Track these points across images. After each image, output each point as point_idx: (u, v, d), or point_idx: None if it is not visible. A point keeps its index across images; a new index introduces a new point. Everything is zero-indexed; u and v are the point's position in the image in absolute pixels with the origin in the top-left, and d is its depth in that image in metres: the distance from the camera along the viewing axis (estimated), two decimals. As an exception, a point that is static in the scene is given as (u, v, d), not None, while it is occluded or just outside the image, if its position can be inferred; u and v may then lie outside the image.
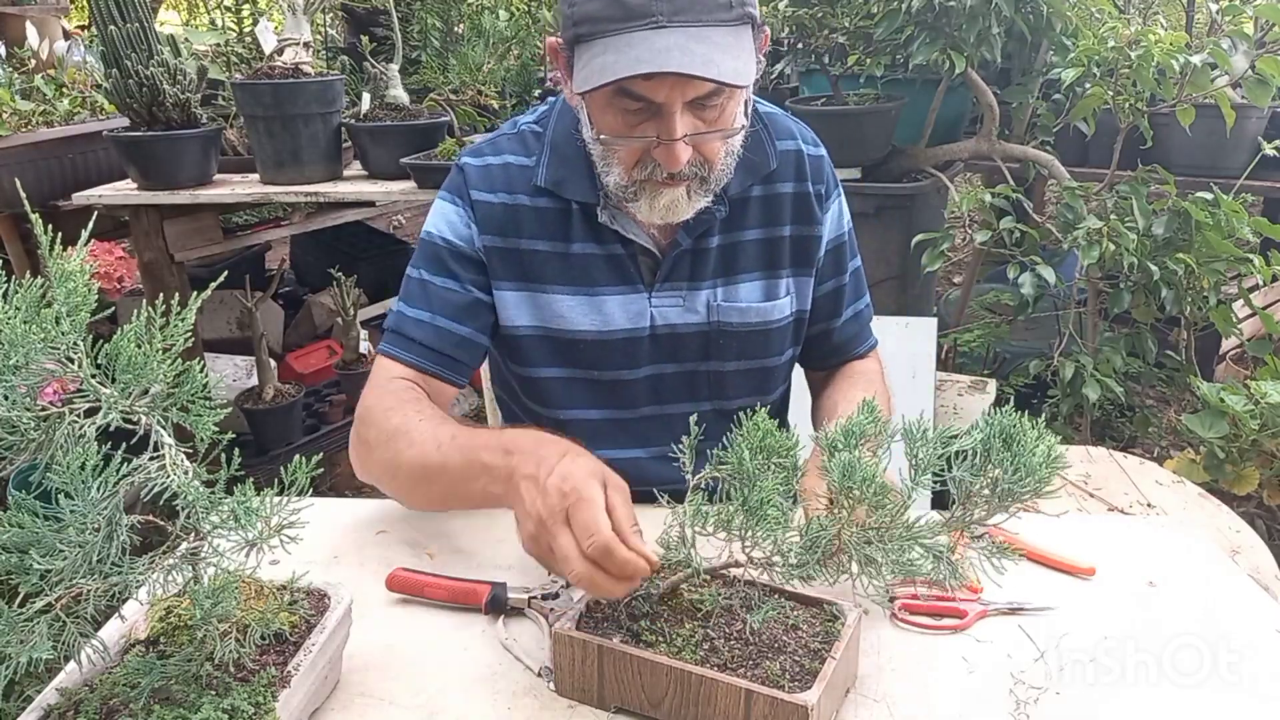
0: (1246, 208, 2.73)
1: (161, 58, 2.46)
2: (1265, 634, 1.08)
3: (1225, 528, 1.97)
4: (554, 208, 1.31)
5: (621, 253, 1.32)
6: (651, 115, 1.13)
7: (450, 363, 1.32)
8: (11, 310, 0.73)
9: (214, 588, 0.80)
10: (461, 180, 1.34)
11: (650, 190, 1.20)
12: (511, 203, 1.32)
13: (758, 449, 0.93)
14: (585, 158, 1.28)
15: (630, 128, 1.15)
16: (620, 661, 0.91)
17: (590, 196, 1.29)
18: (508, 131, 1.38)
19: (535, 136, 1.35)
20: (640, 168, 1.18)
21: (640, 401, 1.39)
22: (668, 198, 1.20)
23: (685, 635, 0.93)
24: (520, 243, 1.32)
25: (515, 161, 1.33)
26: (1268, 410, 2.32)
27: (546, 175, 1.31)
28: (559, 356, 1.35)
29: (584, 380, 1.36)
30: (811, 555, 0.90)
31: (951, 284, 4.63)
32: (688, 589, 0.98)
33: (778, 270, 1.38)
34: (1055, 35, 3.03)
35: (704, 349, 1.37)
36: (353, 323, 3.27)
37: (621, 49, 1.07)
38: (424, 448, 1.17)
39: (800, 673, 0.89)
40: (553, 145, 1.32)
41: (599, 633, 0.93)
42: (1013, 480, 0.86)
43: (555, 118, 1.34)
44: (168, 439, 0.78)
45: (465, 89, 2.82)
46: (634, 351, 1.35)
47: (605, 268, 1.32)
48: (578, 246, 1.32)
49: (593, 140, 1.21)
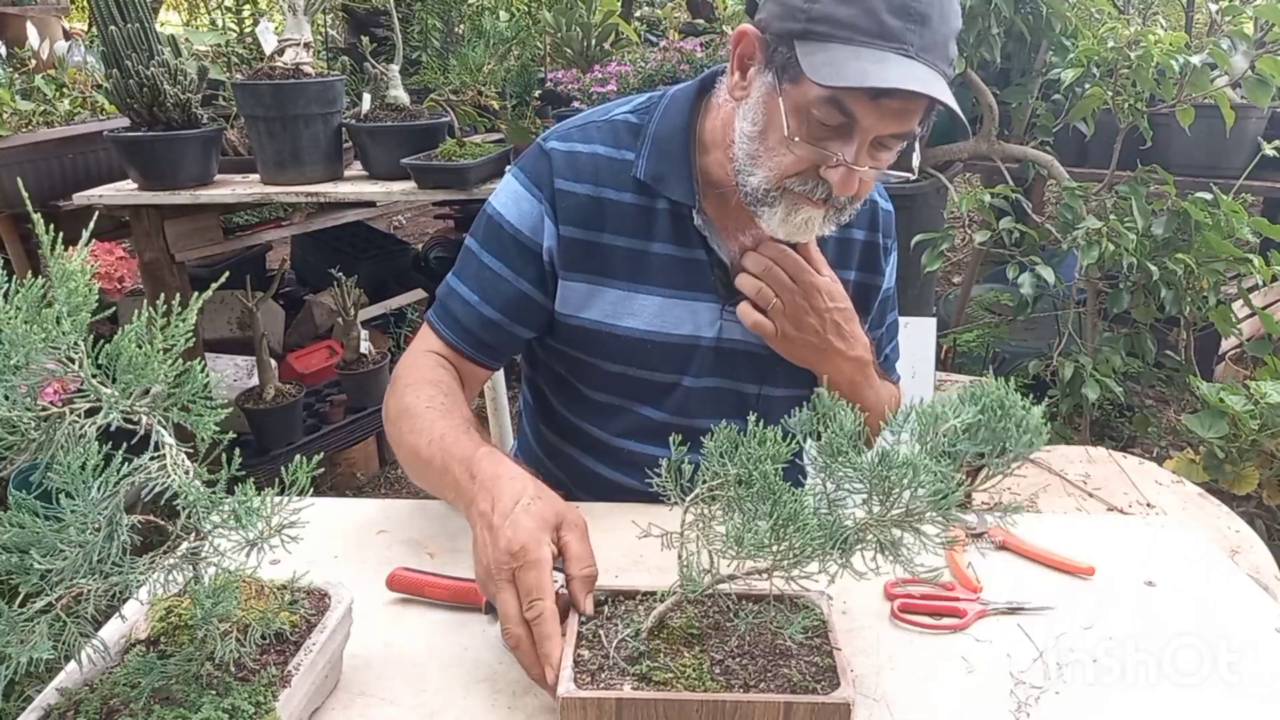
0: (1246, 208, 2.73)
1: (162, 58, 2.46)
2: (1265, 634, 1.08)
3: (1225, 528, 1.97)
4: (640, 204, 1.30)
5: (704, 260, 1.31)
6: (839, 135, 1.12)
7: (489, 350, 1.34)
8: (12, 310, 0.73)
9: (214, 587, 0.80)
10: (547, 167, 1.30)
11: (791, 202, 1.18)
12: (596, 195, 1.30)
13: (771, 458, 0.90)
14: (687, 158, 1.28)
15: (815, 140, 1.13)
16: (644, 710, 0.85)
17: (687, 197, 1.28)
18: (598, 119, 1.35)
19: (630, 129, 1.32)
20: (800, 179, 1.16)
21: (691, 411, 1.37)
22: (805, 215, 1.18)
23: (693, 664, 0.90)
24: (602, 236, 1.30)
25: (605, 153, 1.31)
26: (1267, 410, 2.32)
27: (647, 169, 1.29)
28: (616, 353, 1.34)
29: (638, 379, 1.35)
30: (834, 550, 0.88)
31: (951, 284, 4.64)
32: (671, 616, 0.95)
33: None
34: (1055, 35, 3.03)
35: (759, 372, 1.37)
36: (353, 323, 3.27)
37: (879, 61, 1.06)
38: (419, 438, 1.20)
39: (818, 672, 0.89)
40: (655, 139, 1.30)
41: (602, 685, 0.87)
42: (1021, 444, 0.87)
43: (661, 111, 1.32)
44: (168, 439, 0.78)
45: (465, 89, 2.83)
46: (693, 359, 1.35)
47: (682, 271, 1.31)
48: (658, 246, 1.30)
49: (752, 136, 1.17)
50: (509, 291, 1.32)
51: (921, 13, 1.07)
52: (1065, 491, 2.10)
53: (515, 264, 1.32)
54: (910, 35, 1.07)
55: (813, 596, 0.96)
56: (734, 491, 0.90)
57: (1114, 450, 2.35)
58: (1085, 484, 2.13)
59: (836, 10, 1.08)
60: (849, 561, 0.88)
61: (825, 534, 0.87)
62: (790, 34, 1.11)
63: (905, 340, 2.65)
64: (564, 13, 3.59)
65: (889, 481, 0.86)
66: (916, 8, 1.07)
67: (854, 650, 1.03)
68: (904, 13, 1.07)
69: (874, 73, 1.05)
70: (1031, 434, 0.87)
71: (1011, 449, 0.87)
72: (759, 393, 1.39)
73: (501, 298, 1.32)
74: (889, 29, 1.06)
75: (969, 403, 0.88)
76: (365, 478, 3.32)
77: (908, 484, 0.86)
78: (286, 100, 2.48)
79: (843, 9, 1.08)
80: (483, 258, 1.33)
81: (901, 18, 1.07)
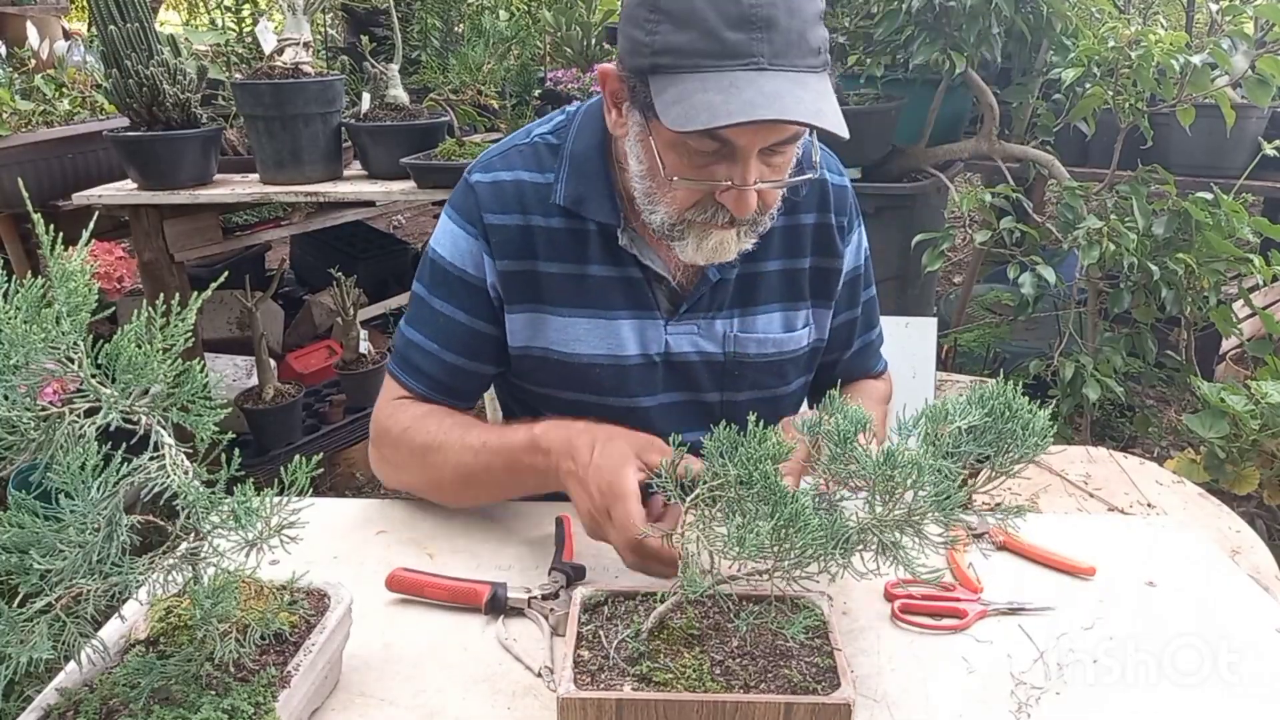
0: (1246, 208, 2.73)
1: (161, 58, 2.46)
2: (1265, 634, 1.08)
3: (1225, 528, 1.97)
4: (569, 228, 1.26)
5: (639, 277, 1.27)
6: (722, 159, 1.08)
7: (458, 393, 1.33)
8: (12, 310, 0.73)
9: (214, 588, 0.80)
10: (474, 202, 1.27)
11: (699, 231, 1.14)
12: (525, 223, 1.25)
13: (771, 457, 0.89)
14: (605, 176, 1.24)
15: (697, 169, 1.09)
16: (645, 710, 0.85)
17: (610, 218, 1.24)
18: (519, 142, 1.30)
19: (550, 150, 1.28)
20: (699, 209, 1.13)
21: (651, 429, 1.34)
22: (716, 239, 1.15)
23: (693, 665, 0.90)
24: (536, 264, 1.26)
25: (528, 179, 1.26)
26: (1268, 410, 2.32)
27: (565, 193, 1.24)
28: (570, 381, 1.31)
29: (595, 405, 1.30)
30: (835, 551, 0.88)
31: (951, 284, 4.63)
32: (672, 617, 0.95)
33: (797, 302, 1.35)
34: (1055, 35, 3.03)
35: (718, 379, 1.34)
36: (353, 323, 3.27)
37: (726, 90, 1.00)
38: (460, 457, 1.22)
39: (818, 672, 0.89)
40: (572, 160, 1.26)
41: (602, 686, 0.87)
42: (1027, 447, 0.87)
43: (575, 131, 1.27)
44: (168, 439, 0.78)
45: (465, 89, 2.82)
46: (646, 379, 1.31)
47: (621, 292, 1.28)
48: (594, 269, 1.27)
49: (642, 174, 1.15)
50: (464, 334, 1.29)
51: (765, 17, 1.00)
52: (1066, 492, 2.10)
53: (465, 304, 1.29)
54: (758, 46, 1.01)
55: (813, 597, 0.96)
56: (734, 492, 0.89)
57: (1115, 450, 2.35)
58: (1086, 484, 2.13)
59: (675, 39, 1.02)
60: (849, 562, 0.88)
61: (826, 535, 0.87)
62: (641, 70, 1.06)
63: (905, 340, 2.65)
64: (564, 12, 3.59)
65: (893, 481, 0.86)
66: (758, 14, 1.00)
67: (854, 651, 1.03)
68: (745, 24, 1.00)
69: (720, 106, 0.99)
70: (1037, 437, 0.87)
71: (1017, 451, 0.87)
72: (720, 399, 1.36)
73: (459, 341, 1.29)
74: (732, 46, 1.00)
75: (976, 405, 0.88)
76: (364, 478, 3.32)
77: (912, 484, 0.86)
78: (286, 100, 2.47)
79: (681, 36, 1.02)
80: (433, 304, 1.30)
81: (744, 29, 1.00)
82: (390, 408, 1.32)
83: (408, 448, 1.27)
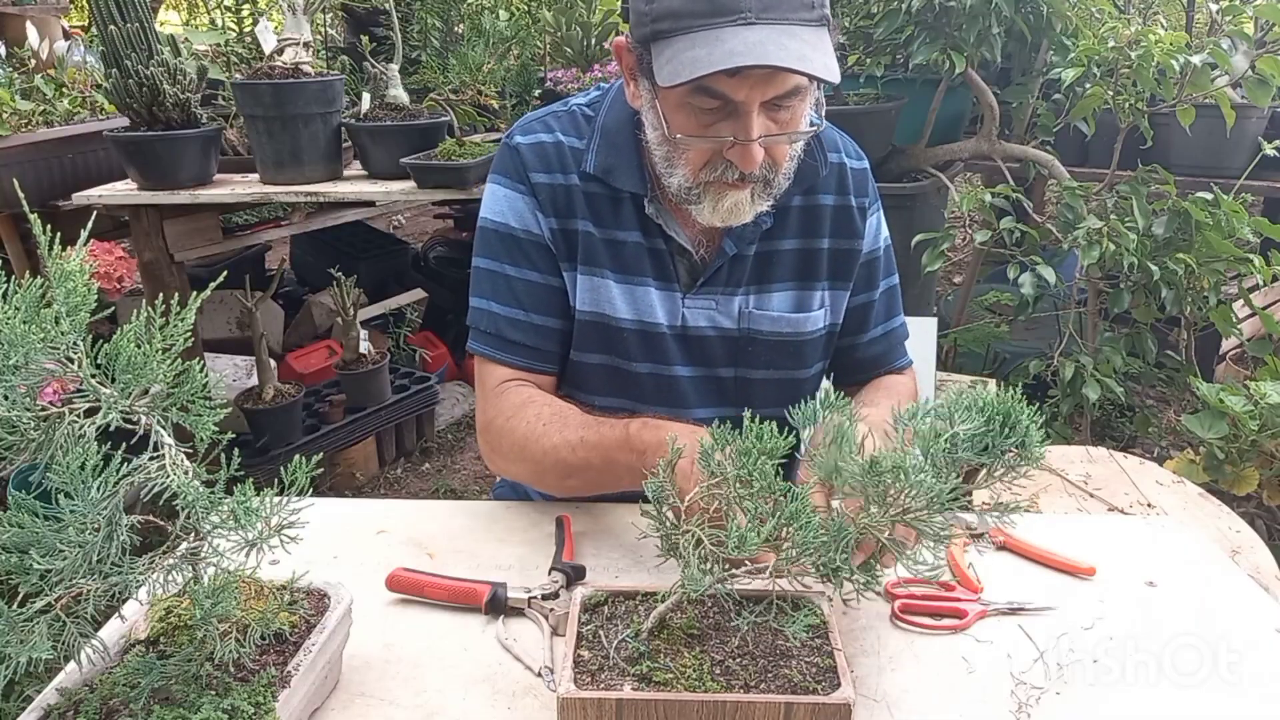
0: (1246, 208, 2.73)
1: (161, 58, 2.46)
2: (1265, 634, 1.08)
3: (1225, 528, 1.97)
4: (603, 193, 1.30)
5: (664, 248, 1.31)
6: (726, 116, 1.13)
7: (553, 357, 1.34)
8: (11, 310, 0.73)
9: (214, 588, 0.80)
10: (520, 162, 1.31)
11: (715, 192, 1.19)
12: (566, 184, 1.30)
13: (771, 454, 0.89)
14: (636, 147, 1.28)
15: (704, 128, 1.14)
16: (645, 710, 0.86)
17: (639, 187, 1.28)
18: (558, 109, 1.36)
19: (586, 120, 1.33)
20: (710, 169, 1.17)
21: (668, 400, 1.37)
22: (731, 200, 1.19)
23: (693, 665, 0.90)
24: (576, 223, 1.31)
25: (568, 142, 1.32)
26: (1267, 410, 2.32)
27: (595, 162, 1.29)
28: (604, 343, 1.34)
29: (623, 371, 1.34)
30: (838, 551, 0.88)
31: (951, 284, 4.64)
32: (672, 616, 0.95)
33: (813, 282, 1.37)
34: (1055, 35, 3.03)
35: (732, 355, 1.36)
36: (353, 323, 3.27)
37: (711, 44, 1.06)
38: (559, 454, 1.23)
39: (818, 672, 0.89)
40: (603, 131, 1.31)
41: (602, 685, 0.88)
42: (1026, 456, 0.87)
43: (609, 104, 1.33)
44: (168, 439, 0.78)
45: (465, 89, 2.82)
46: (666, 347, 1.34)
47: (648, 260, 1.31)
48: (623, 234, 1.31)
49: (659, 141, 1.20)
50: (544, 293, 1.32)
51: None
52: (1066, 492, 2.10)
53: (537, 264, 1.32)
54: (747, 1, 1.06)
55: (813, 596, 0.96)
56: (734, 491, 0.89)
57: (1115, 450, 2.35)
58: (1086, 484, 2.13)
59: (671, 4, 1.09)
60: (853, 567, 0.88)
61: (827, 535, 0.87)
62: (645, 39, 1.12)
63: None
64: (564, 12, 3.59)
65: (881, 484, 0.86)
66: None
67: (855, 651, 1.03)
68: None
69: (704, 58, 1.05)
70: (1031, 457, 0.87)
71: (1010, 463, 0.87)
72: (735, 375, 1.38)
73: (543, 301, 1.32)
74: (721, 4, 1.06)
75: (976, 411, 0.87)
76: (365, 478, 3.32)
77: (899, 488, 0.86)
78: (286, 100, 2.47)
79: (675, 1, 1.08)
80: (506, 271, 1.32)
81: None
82: (491, 398, 1.33)
83: (509, 440, 1.29)
